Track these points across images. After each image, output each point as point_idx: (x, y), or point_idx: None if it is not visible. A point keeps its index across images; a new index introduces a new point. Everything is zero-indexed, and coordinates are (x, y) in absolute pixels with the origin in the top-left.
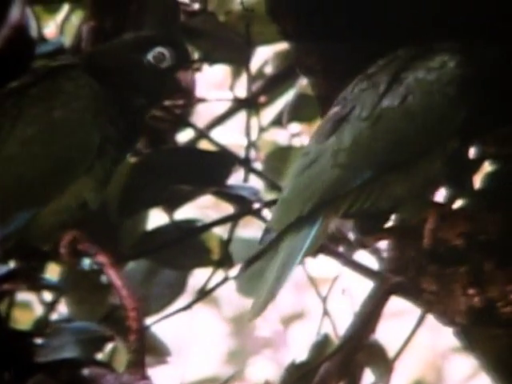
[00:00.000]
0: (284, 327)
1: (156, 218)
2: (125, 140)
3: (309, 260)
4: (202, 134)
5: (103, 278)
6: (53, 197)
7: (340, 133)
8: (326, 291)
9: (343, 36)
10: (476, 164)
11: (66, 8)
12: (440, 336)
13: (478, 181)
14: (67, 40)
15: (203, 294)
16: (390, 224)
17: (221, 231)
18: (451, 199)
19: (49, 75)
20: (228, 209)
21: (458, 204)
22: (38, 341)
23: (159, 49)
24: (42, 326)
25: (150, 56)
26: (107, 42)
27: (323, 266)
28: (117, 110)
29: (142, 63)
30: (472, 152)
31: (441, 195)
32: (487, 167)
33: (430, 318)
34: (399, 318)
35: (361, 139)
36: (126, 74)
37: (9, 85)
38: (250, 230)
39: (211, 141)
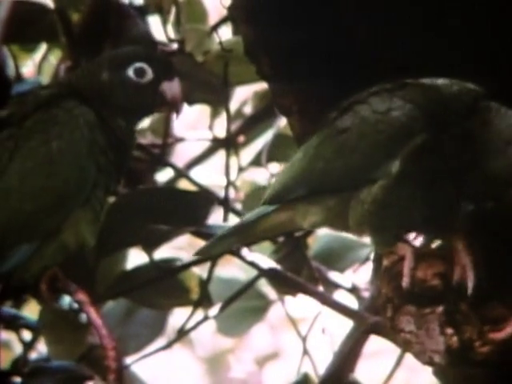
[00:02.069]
0: (259, 368)
1: (135, 258)
2: (115, 168)
3: (288, 300)
4: (181, 173)
5: (82, 317)
6: (51, 230)
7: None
8: (306, 330)
9: (319, 77)
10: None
11: (43, 47)
12: (419, 375)
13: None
14: (45, 79)
15: (182, 333)
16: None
17: (200, 271)
18: (429, 239)
19: (42, 106)
20: None
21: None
22: (17, 380)
23: (138, 64)
24: (21, 365)
25: (129, 72)
26: (85, 64)
27: (302, 305)
28: (105, 137)
29: (121, 80)
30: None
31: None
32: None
33: (410, 358)
34: (378, 358)
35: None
36: (107, 92)
37: (3, 113)
38: (229, 270)
39: (190, 180)
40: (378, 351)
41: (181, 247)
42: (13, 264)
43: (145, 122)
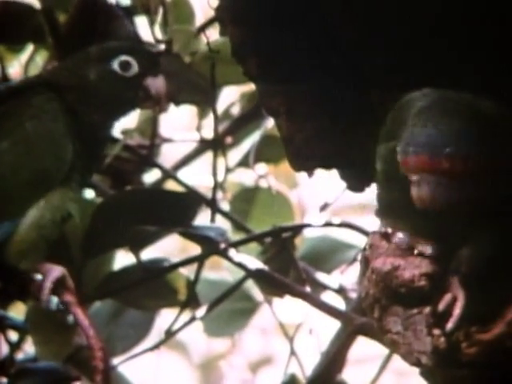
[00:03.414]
0: (252, 374)
1: (122, 259)
2: (84, 164)
3: (276, 302)
4: (169, 174)
5: (69, 318)
6: (29, 208)
7: None
8: (293, 332)
9: (306, 78)
10: None
11: (30, 48)
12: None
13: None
14: None
15: (170, 334)
16: None
17: (187, 272)
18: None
19: (14, 93)
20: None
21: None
22: (3, 381)
23: (124, 57)
24: (8, 365)
25: (114, 65)
26: (66, 59)
27: (290, 307)
28: (80, 127)
29: (105, 72)
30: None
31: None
32: None
33: (398, 361)
34: (365, 364)
35: None
36: (88, 85)
37: None
38: (217, 273)
39: (178, 181)
40: (365, 358)
41: (172, 252)
42: None
43: (132, 123)
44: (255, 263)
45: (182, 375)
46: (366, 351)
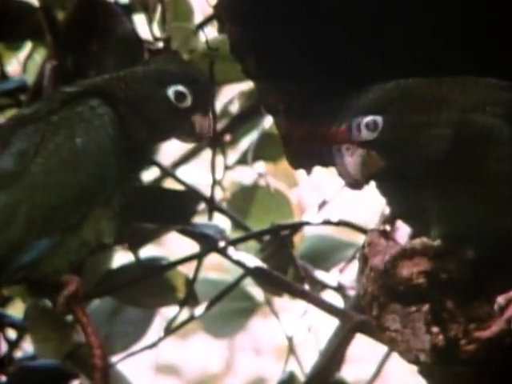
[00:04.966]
0: None
1: (121, 257)
2: (126, 182)
3: (275, 299)
4: (168, 172)
5: (68, 316)
6: (72, 226)
7: None
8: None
9: (304, 75)
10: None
11: (28, 46)
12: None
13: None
14: (30, 78)
15: (169, 332)
16: None
17: (186, 270)
18: (414, 237)
19: (68, 102)
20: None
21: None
22: (2, 379)
23: (180, 87)
24: (6, 363)
25: (169, 92)
26: (124, 71)
27: (288, 305)
28: (127, 143)
29: (159, 97)
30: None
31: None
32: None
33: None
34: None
35: None
36: (143, 105)
37: (24, 110)
38: (217, 272)
39: (176, 179)
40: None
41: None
42: (33, 257)
43: None
44: (254, 261)
45: None
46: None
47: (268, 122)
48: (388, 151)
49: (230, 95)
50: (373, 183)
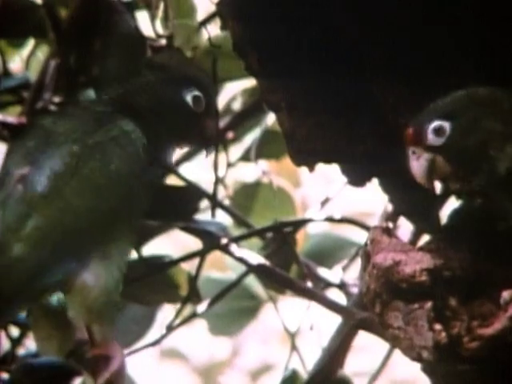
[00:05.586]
0: (253, 382)
1: None
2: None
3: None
4: (170, 169)
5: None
6: (99, 249)
7: None
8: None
9: (307, 73)
10: (442, 200)
11: (31, 43)
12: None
13: (443, 217)
14: (33, 75)
15: (171, 329)
16: None
17: (189, 267)
18: (417, 234)
19: (102, 123)
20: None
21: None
22: (5, 376)
23: (196, 92)
24: (9, 361)
25: (188, 97)
26: (139, 77)
27: (292, 305)
28: (152, 156)
29: (182, 104)
30: (438, 188)
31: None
32: (453, 203)
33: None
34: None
35: None
36: (167, 113)
37: (48, 124)
38: (220, 270)
39: (179, 176)
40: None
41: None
42: (59, 279)
43: None
44: (257, 258)
45: (184, 383)
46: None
47: (271, 119)
48: (455, 157)
49: (233, 92)
50: (375, 180)
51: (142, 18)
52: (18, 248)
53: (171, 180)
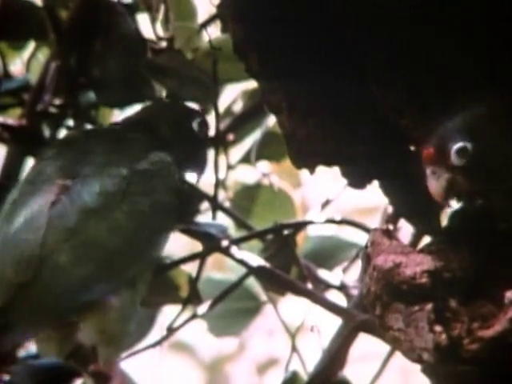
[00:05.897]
0: (259, 376)
1: None
2: None
3: (281, 301)
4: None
5: None
6: (130, 275)
7: None
8: (295, 330)
9: (308, 74)
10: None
11: (32, 45)
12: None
13: (444, 218)
14: (33, 77)
15: (171, 331)
16: None
17: (190, 269)
18: (417, 236)
19: (142, 150)
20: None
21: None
22: (5, 377)
23: (198, 118)
24: (9, 362)
25: (194, 125)
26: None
27: (293, 306)
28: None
29: (192, 132)
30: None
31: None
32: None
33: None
34: (367, 361)
35: None
36: (184, 143)
37: (93, 145)
38: (221, 272)
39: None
40: (366, 354)
41: None
42: (95, 297)
43: None
44: (257, 260)
45: (189, 377)
46: (367, 348)
47: (271, 121)
48: (477, 177)
49: (233, 94)
50: (376, 183)
51: (143, 20)
52: (63, 258)
53: None
